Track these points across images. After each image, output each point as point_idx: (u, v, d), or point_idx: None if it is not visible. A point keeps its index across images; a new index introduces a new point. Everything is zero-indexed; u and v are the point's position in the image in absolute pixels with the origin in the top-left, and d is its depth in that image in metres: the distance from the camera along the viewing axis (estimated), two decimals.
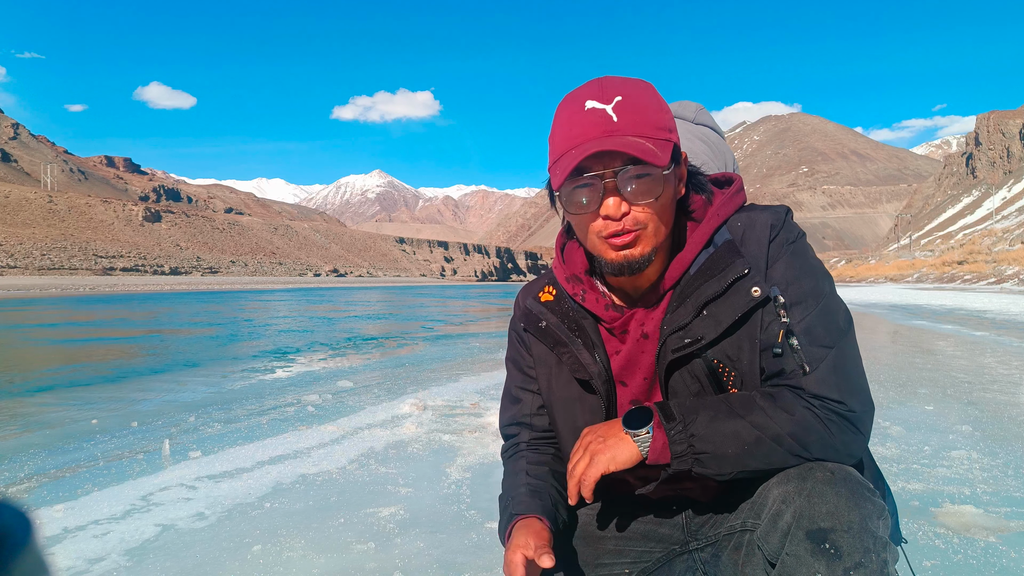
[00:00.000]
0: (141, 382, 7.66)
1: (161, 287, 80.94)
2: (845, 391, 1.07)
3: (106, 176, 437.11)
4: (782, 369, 1.10)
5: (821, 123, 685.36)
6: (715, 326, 1.12)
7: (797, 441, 1.05)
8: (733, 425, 1.06)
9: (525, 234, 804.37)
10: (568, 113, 1.10)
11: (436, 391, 6.32)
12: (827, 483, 1.00)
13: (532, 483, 1.27)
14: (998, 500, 3.01)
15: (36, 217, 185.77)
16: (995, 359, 8.11)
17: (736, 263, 1.12)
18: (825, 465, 1.04)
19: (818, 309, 1.11)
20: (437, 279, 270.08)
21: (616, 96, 1.08)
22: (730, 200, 1.20)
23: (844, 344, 1.11)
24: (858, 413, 1.08)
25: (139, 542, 2.68)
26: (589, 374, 1.21)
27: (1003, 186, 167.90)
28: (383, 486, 3.37)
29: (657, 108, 1.10)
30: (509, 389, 1.40)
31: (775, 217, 1.17)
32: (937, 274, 54.41)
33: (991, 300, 23.53)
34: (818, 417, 1.06)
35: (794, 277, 1.12)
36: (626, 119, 1.07)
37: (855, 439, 1.08)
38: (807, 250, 1.16)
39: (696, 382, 1.15)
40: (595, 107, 1.08)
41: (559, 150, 1.11)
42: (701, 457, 1.06)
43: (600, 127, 1.07)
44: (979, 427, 4.41)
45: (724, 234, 1.16)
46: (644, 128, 1.07)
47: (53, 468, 3.86)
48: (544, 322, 1.27)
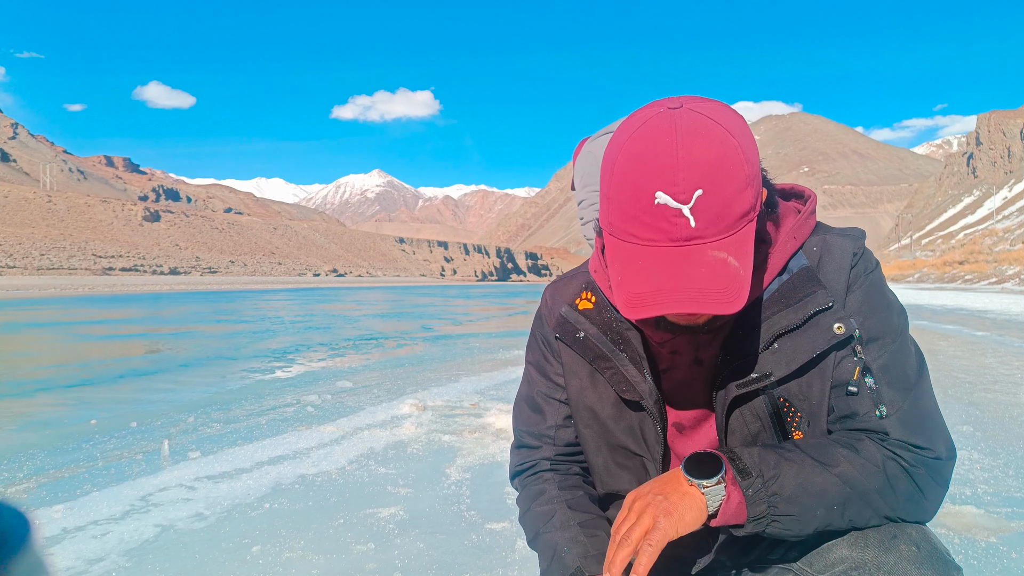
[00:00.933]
0: (141, 382, 7.66)
1: (160, 287, 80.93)
2: (931, 435, 0.98)
3: (105, 176, 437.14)
4: (855, 411, 0.99)
5: (822, 123, 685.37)
6: (787, 363, 0.99)
7: (885, 500, 0.95)
8: (821, 482, 0.94)
9: (525, 234, 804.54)
10: (631, 194, 0.88)
11: (436, 391, 6.31)
12: (912, 561, 0.90)
13: (584, 521, 1.11)
14: (999, 500, 3.00)
15: (35, 217, 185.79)
16: (996, 359, 8.11)
17: (817, 294, 0.99)
18: (910, 534, 0.94)
19: (895, 347, 1.00)
20: (437, 279, 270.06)
21: (696, 190, 0.85)
22: (805, 222, 1.06)
23: (922, 385, 1.01)
24: (944, 460, 0.98)
25: (138, 543, 2.67)
26: (639, 393, 1.07)
27: (1004, 186, 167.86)
28: (383, 486, 3.37)
29: (742, 183, 0.88)
30: (530, 395, 1.24)
31: (856, 244, 1.04)
32: (938, 274, 54.39)
33: (992, 300, 23.53)
34: (905, 470, 0.96)
35: (871, 311, 1.01)
36: (706, 220, 0.86)
37: (940, 492, 0.98)
38: (883, 282, 1.05)
39: (757, 420, 1.03)
40: (668, 205, 0.86)
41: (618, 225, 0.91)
42: (781, 519, 0.93)
43: (674, 233, 0.87)
44: (980, 427, 4.41)
45: (800, 259, 1.03)
46: (726, 227, 0.88)
47: (53, 468, 3.86)
48: (583, 332, 1.13)
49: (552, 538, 1.10)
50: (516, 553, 2.51)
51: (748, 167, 0.88)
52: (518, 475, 1.25)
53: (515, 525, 2.74)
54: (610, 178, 0.91)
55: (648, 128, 0.88)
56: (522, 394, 1.27)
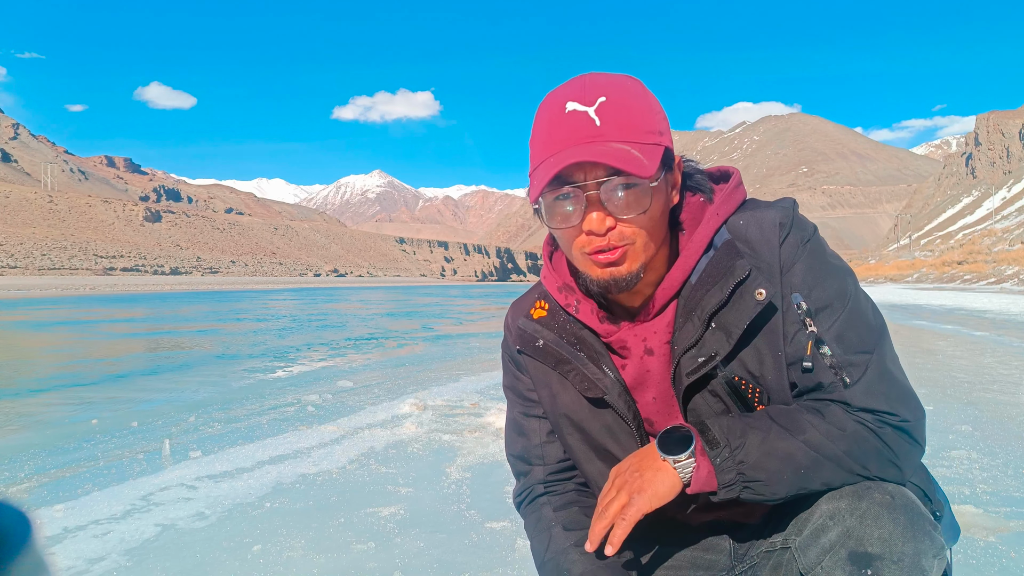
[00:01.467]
0: (142, 382, 7.67)
1: (161, 287, 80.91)
2: (895, 400, 0.98)
3: (106, 176, 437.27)
4: (819, 383, 1.00)
5: (821, 123, 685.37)
6: (726, 339, 1.01)
7: (856, 461, 0.96)
8: (785, 447, 0.97)
9: (525, 234, 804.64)
10: (548, 115, 1.00)
11: (436, 391, 6.32)
12: (885, 507, 0.92)
13: (579, 539, 1.11)
14: (998, 500, 3.01)
15: (36, 217, 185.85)
16: (995, 359, 8.11)
17: (735, 266, 1.01)
18: (885, 487, 0.95)
19: (847, 311, 1.00)
20: (437, 279, 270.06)
21: (599, 97, 0.97)
22: (729, 197, 1.08)
23: (882, 346, 1.01)
24: (912, 422, 0.99)
25: (139, 542, 2.68)
26: (601, 389, 1.10)
27: (1003, 186, 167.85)
28: (383, 486, 3.37)
29: (646, 109, 0.99)
30: (512, 419, 1.27)
31: (783, 214, 1.04)
32: (937, 274, 54.42)
33: (991, 300, 23.53)
34: (872, 431, 0.97)
35: (815, 280, 1.01)
36: (610, 122, 0.96)
37: (913, 450, 0.99)
38: (823, 247, 1.04)
39: (719, 402, 1.05)
40: (576, 109, 0.97)
41: (538, 157, 1.01)
42: (752, 485, 0.97)
43: (581, 132, 0.96)
44: (979, 427, 4.41)
45: (724, 235, 1.05)
46: (630, 132, 0.96)
47: (53, 468, 3.86)
48: (541, 340, 1.15)
49: (553, 563, 1.14)
50: (516, 552, 2.51)
51: (654, 107, 1.01)
52: (518, 506, 1.28)
53: (515, 524, 2.74)
54: (535, 122, 1.03)
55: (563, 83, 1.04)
56: (507, 422, 1.29)
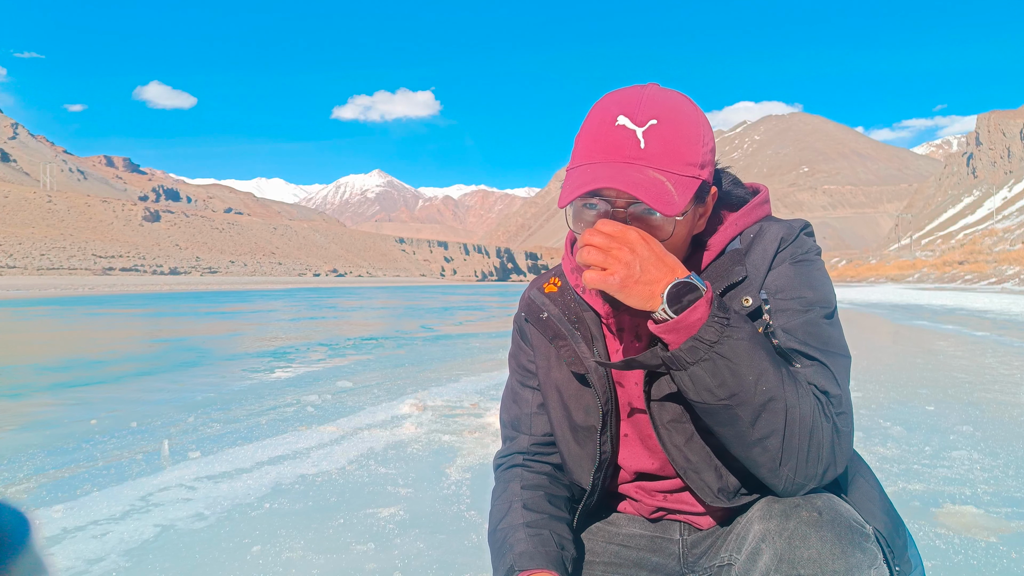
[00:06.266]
0: (141, 382, 7.66)
1: (160, 287, 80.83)
2: (841, 399, 1.02)
3: (105, 176, 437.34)
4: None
5: (822, 123, 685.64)
6: None
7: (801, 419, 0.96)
8: (765, 363, 0.96)
9: (525, 234, 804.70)
10: (598, 121, 1.01)
11: (436, 391, 6.31)
12: (811, 525, 0.93)
13: (532, 520, 1.16)
14: (999, 500, 3.01)
15: (35, 217, 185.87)
16: (996, 359, 8.11)
17: (734, 271, 1.06)
18: (813, 503, 0.97)
19: (805, 318, 1.04)
20: (437, 279, 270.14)
21: (651, 119, 0.98)
22: (750, 212, 1.14)
23: (836, 361, 1.03)
24: (845, 415, 1.02)
25: (138, 543, 2.67)
26: (585, 368, 1.14)
27: (1004, 186, 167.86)
28: (383, 486, 3.37)
29: (694, 139, 1.00)
30: (511, 386, 1.33)
31: (787, 231, 1.10)
32: (938, 274, 54.43)
33: (992, 300, 23.54)
34: (821, 407, 1.00)
35: (786, 285, 1.06)
36: (655, 148, 0.97)
37: (839, 448, 1.01)
38: (813, 266, 1.09)
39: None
40: (626, 126, 0.98)
41: (578, 159, 1.03)
42: (716, 361, 0.93)
43: (624, 151, 0.98)
44: (980, 427, 4.41)
45: (734, 244, 1.11)
46: (671, 163, 0.98)
47: (52, 468, 3.86)
48: (545, 313, 1.21)
49: (502, 534, 1.17)
50: None
51: (702, 139, 1.01)
52: (496, 468, 1.33)
53: None
54: (584, 123, 1.04)
55: (622, 88, 1.05)
56: (505, 387, 1.36)
